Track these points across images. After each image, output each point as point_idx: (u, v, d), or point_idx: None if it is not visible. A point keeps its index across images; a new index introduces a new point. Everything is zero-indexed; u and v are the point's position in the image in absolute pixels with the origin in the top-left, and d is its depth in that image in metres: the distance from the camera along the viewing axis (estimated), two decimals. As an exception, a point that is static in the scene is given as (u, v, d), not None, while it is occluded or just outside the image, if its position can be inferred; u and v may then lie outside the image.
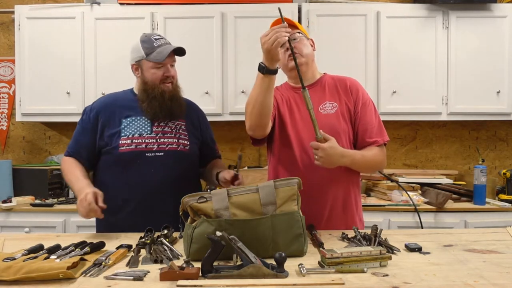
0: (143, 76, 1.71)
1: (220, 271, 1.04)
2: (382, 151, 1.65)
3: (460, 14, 2.92)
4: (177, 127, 1.74)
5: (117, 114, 1.70)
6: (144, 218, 1.60)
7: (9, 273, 1.00)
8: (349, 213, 1.65)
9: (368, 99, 1.70)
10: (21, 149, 3.39)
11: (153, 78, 1.68)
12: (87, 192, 1.48)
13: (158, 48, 1.68)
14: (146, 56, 1.67)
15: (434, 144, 3.35)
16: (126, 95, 1.79)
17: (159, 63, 1.67)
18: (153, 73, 1.68)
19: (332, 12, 2.97)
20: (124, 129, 1.68)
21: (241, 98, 2.90)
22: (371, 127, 1.65)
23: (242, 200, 1.21)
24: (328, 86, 1.70)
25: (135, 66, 1.74)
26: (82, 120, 1.75)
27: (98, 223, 1.72)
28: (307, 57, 1.66)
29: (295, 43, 1.62)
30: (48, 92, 2.96)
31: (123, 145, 1.65)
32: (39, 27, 2.96)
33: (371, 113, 1.67)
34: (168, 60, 1.69)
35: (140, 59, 1.70)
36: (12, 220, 2.68)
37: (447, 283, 0.98)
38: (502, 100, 2.93)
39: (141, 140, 1.66)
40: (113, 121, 1.69)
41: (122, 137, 1.66)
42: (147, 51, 1.68)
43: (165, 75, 1.69)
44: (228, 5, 2.96)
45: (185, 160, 1.73)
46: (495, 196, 2.95)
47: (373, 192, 2.99)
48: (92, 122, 1.71)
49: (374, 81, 2.94)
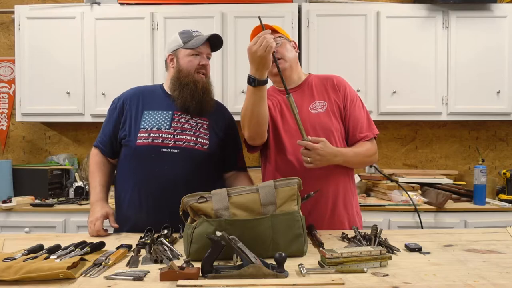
0: (178, 65, 1.71)
1: (220, 271, 1.04)
2: (373, 145, 1.68)
3: (460, 14, 2.92)
4: (198, 126, 1.70)
5: (140, 105, 1.71)
6: (154, 216, 1.59)
7: (9, 273, 0.99)
8: (349, 207, 1.68)
9: (355, 95, 1.73)
10: (21, 149, 3.39)
11: (188, 66, 1.68)
12: (97, 217, 1.57)
13: (196, 36, 1.71)
14: (184, 44, 1.70)
15: (434, 144, 3.35)
16: (154, 88, 1.80)
17: (196, 50, 1.69)
18: (189, 60, 1.69)
19: (332, 12, 2.97)
20: (144, 121, 1.67)
21: (241, 98, 2.90)
22: (361, 123, 1.67)
23: (242, 200, 1.21)
24: (315, 86, 1.71)
25: (170, 57, 1.74)
26: (109, 109, 1.76)
27: None
28: (290, 61, 1.67)
29: (277, 47, 1.62)
30: (48, 92, 2.96)
31: (140, 138, 1.64)
32: (39, 27, 2.96)
33: (360, 108, 1.70)
34: (204, 50, 1.71)
35: (177, 47, 1.71)
36: (12, 220, 2.68)
37: (447, 283, 0.98)
38: (502, 100, 2.93)
39: (159, 135, 1.64)
40: (135, 112, 1.69)
41: (140, 130, 1.65)
42: (185, 40, 1.70)
43: (200, 64, 1.70)
44: (228, 5, 2.96)
45: (202, 159, 1.65)
46: (495, 196, 2.95)
47: (373, 192, 2.99)
48: (118, 111, 1.72)
49: (374, 81, 2.94)
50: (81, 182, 2.99)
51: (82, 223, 2.65)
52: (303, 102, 1.68)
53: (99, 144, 1.74)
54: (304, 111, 1.65)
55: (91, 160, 1.75)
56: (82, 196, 2.90)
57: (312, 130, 1.60)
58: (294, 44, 1.75)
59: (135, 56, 2.93)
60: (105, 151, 1.73)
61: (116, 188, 1.74)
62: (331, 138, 1.61)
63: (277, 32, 1.68)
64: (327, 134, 1.61)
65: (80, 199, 2.86)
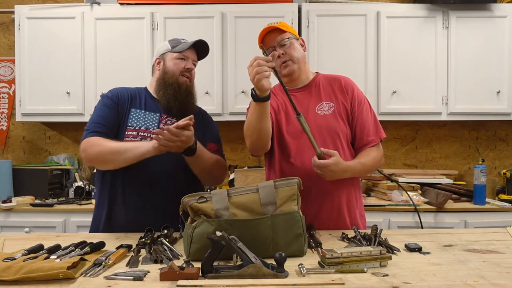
0: (164, 67, 1.75)
1: (220, 271, 1.04)
2: (379, 150, 1.67)
3: (460, 14, 2.93)
4: None
5: (127, 102, 1.71)
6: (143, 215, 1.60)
7: (9, 273, 0.99)
8: (352, 211, 1.66)
9: (363, 97, 1.70)
10: (21, 149, 3.39)
11: (174, 68, 1.73)
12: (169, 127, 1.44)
13: (183, 42, 1.78)
14: (172, 48, 1.76)
15: (434, 144, 3.35)
16: (138, 89, 1.81)
17: (182, 54, 1.74)
18: (175, 63, 1.73)
19: (332, 12, 2.97)
20: (132, 120, 1.68)
21: (241, 98, 2.90)
22: (368, 126, 1.65)
23: (242, 200, 1.21)
24: (322, 86, 1.69)
25: (157, 60, 1.79)
26: (102, 100, 1.70)
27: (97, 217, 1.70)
28: (298, 62, 1.65)
29: (285, 49, 1.62)
30: (48, 92, 2.96)
31: (128, 136, 1.64)
32: (39, 27, 2.96)
33: (367, 111, 1.68)
34: (190, 55, 1.76)
35: (165, 51, 1.77)
36: (12, 220, 2.68)
37: (447, 283, 0.98)
38: (502, 100, 2.93)
39: (147, 134, 1.66)
40: (122, 109, 1.69)
41: (128, 128, 1.66)
42: (173, 45, 1.77)
43: (186, 67, 1.74)
44: (228, 5, 2.96)
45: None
46: (495, 196, 2.95)
47: (373, 192, 2.99)
48: (114, 100, 1.68)
49: (374, 81, 2.94)
50: (81, 182, 2.99)
51: (82, 223, 2.65)
52: (310, 102, 1.65)
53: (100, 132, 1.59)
54: (310, 112, 1.63)
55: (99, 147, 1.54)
56: (82, 196, 2.90)
57: (318, 132, 1.58)
58: (302, 42, 1.71)
59: (135, 56, 2.93)
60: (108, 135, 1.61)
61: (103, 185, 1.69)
62: (336, 141, 1.60)
63: (285, 32, 1.63)
64: (333, 136, 1.60)
65: (80, 199, 2.87)
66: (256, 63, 1.36)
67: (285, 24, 1.66)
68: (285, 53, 1.61)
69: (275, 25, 1.63)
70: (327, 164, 1.45)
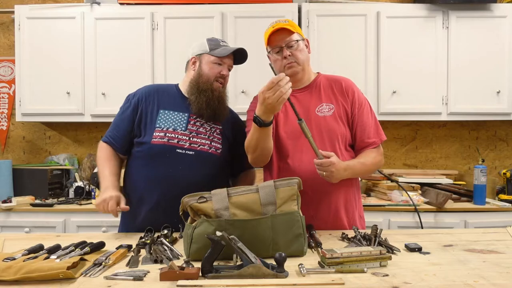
0: (200, 69, 1.73)
1: (220, 271, 1.04)
2: (379, 152, 1.67)
3: (460, 14, 2.92)
4: (212, 130, 1.73)
5: (156, 103, 1.72)
6: (164, 214, 1.60)
7: (9, 273, 1.00)
8: (350, 212, 1.66)
9: (364, 99, 1.70)
10: (21, 149, 3.39)
11: (209, 73, 1.71)
12: (112, 196, 1.54)
13: (223, 46, 1.75)
14: (210, 50, 1.73)
15: (434, 144, 3.35)
16: (169, 87, 1.81)
17: (220, 59, 1.72)
18: (211, 67, 1.72)
19: (332, 12, 2.97)
20: (160, 120, 1.68)
21: (241, 98, 2.90)
22: (368, 128, 1.65)
23: (242, 200, 1.21)
24: (323, 87, 1.69)
25: (193, 59, 1.77)
26: (123, 106, 1.76)
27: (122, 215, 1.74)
28: (303, 64, 1.65)
29: (292, 51, 1.62)
30: (48, 92, 2.96)
31: (156, 137, 1.65)
32: (39, 27, 2.96)
33: (368, 113, 1.67)
34: (228, 61, 1.74)
35: (202, 52, 1.74)
36: (12, 220, 2.68)
37: (447, 283, 0.98)
38: (502, 100, 2.93)
39: (174, 135, 1.66)
40: (151, 110, 1.70)
41: (156, 129, 1.67)
42: (212, 46, 1.74)
43: (221, 73, 1.73)
44: (228, 5, 2.96)
45: (214, 163, 1.70)
46: (495, 196, 2.95)
47: (373, 192, 2.99)
48: (133, 108, 1.72)
49: (374, 81, 2.94)
50: (81, 182, 2.99)
51: (82, 223, 2.65)
52: (310, 103, 1.65)
53: (111, 140, 1.72)
54: (310, 113, 1.63)
55: (100, 153, 1.72)
56: (82, 196, 2.90)
57: (317, 133, 1.58)
58: (307, 43, 1.72)
59: (135, 56, 2.93)
60: (117, 147, 1.72)
61: (124, 185, 1.74)
62: (335, 143, 1.60)
63: (293, 33, 1.63)
64: (332, 138, 1.60)
65: (80, 199, 2.87)
66: (278, 85, 1.37)
67: (293, 24, 1.65)
68: (291, 54, 1.61)
69: (283, 24, 1.61)
70: (331, 162, 1.44)
